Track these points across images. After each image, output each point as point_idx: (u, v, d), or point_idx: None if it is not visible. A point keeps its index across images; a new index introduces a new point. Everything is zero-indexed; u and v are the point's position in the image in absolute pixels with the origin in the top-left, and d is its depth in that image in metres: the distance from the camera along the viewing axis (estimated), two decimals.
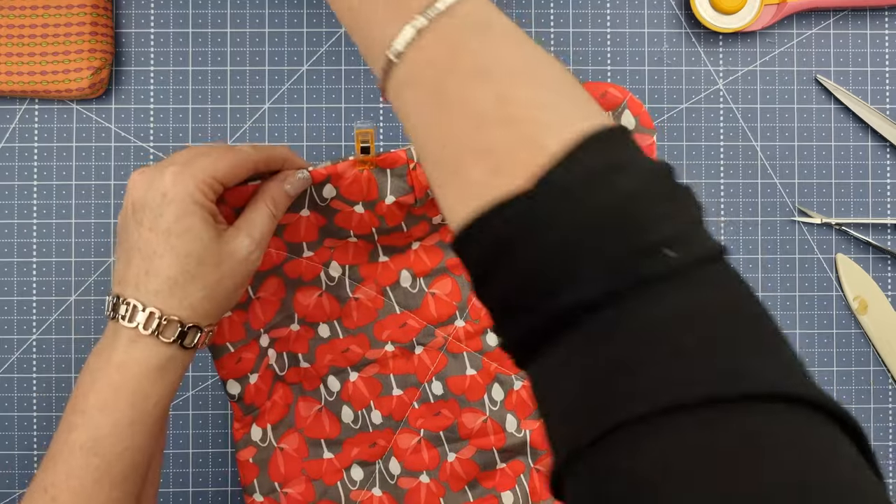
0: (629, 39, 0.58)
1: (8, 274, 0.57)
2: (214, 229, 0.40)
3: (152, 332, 0.39)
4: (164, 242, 0.39)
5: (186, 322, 0.39)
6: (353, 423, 0.53)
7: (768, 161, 0.58)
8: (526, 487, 0.53)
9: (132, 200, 0.40)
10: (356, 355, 0.52)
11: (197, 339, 0.40)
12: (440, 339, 0.52)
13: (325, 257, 0.50)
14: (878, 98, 0.59)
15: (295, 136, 0.58)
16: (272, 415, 0.51)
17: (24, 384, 0.57)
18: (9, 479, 0.57)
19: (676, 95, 0.58)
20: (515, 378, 0.53)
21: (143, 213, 0.39)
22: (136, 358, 0.39)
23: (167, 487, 0.57)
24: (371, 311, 0.52)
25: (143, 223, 0.39)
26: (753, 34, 0.59)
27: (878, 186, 0.59)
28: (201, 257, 0.39)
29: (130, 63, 0.58)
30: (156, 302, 0.39)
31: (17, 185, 0.57)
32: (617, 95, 0.45)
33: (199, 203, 0.39)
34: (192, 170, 0.40)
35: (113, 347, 0.39)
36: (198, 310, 0.40)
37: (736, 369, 0.24)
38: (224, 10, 0.58)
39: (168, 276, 0.39)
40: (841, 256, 0.58)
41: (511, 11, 0.58)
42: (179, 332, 0.39)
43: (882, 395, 0.59)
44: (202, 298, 0.40)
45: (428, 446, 0.53)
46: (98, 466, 0.38)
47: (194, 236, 0.39)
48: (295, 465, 0.51)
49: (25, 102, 0.57)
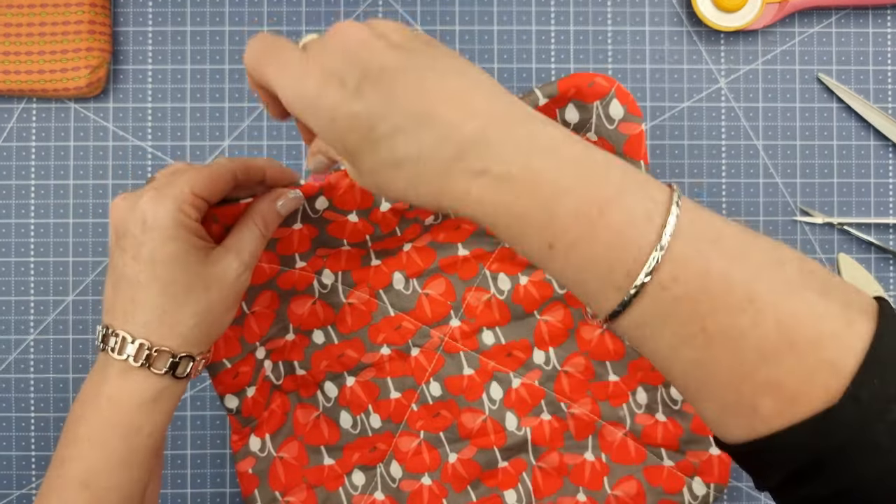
0: (630, 38, 0.58)
1: (5, 274, 0.57)
2: (201, 252, 0.39)
3: (142, 364, 0.37)
4: (148, 271, 0.37)
5: (178, 352, 0.38)
6: (352, 428, 0.52)
7: (770, 160, 0.58)
8: (529, 485, 0.53)
9: (114, 228, 0.39)
10: (352, 360, 0.52)
11: (190, 368, 0.39)
12: (436, 340, 0.52)
13: (318, 266, 0.49)
14: (880, 97, 0.58)
15: (293, 134, 0.57)
16: (270, 424, 0.51)
17: (21, 385, 0.57)
18: (6, 479, 0.57)
19: (678, 94, 0.58)
20: (513, 376, 0.53)
21: (126, 240, 0.38)
22: (127, 391, 0.38)
23: (166, 489, 0.57)
24: (365, 314, 0.52)
25: (127, 251, 0.38)
26: (755, 33, 0.58)
27: (881, 186, 0.58)
28: (189, 284, 0.38)
29: (128, 61, 0.57)
30: (145, 333, 0.37)
31: (15, 184, 0.57)
32: (604, 85, 0.45)
33: (181, 225, 0.38)
34: (171, 191, 0.38)
35: (103, 380, 0.38)
36: (189, 338, 0.38)
37: None
38: (222, 8, 0.57)
39: (156, 306, 0.37)
40: (843, 256, 0.58)
41: (512, 9, 0.58)
42: (171, 363, 0.38)
43: None
44: (193, 326, 0.38)
45: (428, 448, 0.53)
46: (89, 500, 0.37)
47: (179, 263, 0.37)
48: (295, 473, 0.51)
49: (23, 101, 0.57)
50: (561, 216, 0.28)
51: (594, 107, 0.45)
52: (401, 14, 0.58)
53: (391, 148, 0.29)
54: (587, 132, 0.46)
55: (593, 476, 0.52)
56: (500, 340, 0.52)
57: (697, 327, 0.27)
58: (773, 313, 0.27)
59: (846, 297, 0.28)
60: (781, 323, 0.27)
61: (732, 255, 0.28)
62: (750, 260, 0.28)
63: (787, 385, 0.27)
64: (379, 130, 0.29)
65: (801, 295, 0.27)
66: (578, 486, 0.53)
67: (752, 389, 0.27)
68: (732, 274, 0.27)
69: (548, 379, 0.52)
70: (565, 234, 0.28)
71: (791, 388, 0.27)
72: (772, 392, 0.27)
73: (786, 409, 0.27)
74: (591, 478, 0.52)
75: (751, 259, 0.28)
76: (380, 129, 0.29)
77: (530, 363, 0.52)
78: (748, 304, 0.27)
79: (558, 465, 0.53)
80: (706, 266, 0.27)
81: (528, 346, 0.52)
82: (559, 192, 0.28)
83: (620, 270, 0.28)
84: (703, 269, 0.27)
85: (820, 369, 0.26)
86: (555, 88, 0.45)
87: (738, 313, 0.27)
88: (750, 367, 0.27)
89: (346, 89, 0.30)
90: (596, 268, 0.28)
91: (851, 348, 0.26)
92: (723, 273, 0.27)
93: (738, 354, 0.27)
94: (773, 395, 0.27)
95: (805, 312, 0.27)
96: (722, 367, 0.27)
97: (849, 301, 0.28)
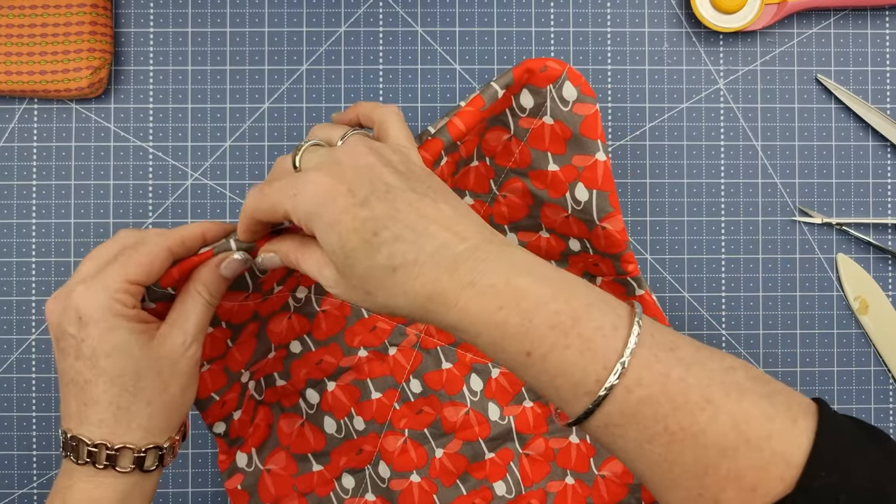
0: (629, 39, 0.58)
1: (7, 274, 0.57)
2: (143, 336, 0.37)
3: (105, 466, 0.36)
4: (92, 368, 0.36)
5: (140, 446, 0.37)
6: (336, 433, 0.52)
7: (769, 161, 0.58)
8: (517, 474, 0.53)
9: (52, 332, 0.37)
10: (330, 365, 0.52)
11: (158, 458, 0.37)
12: (412, 338, 0.52)
13: (293, 285, 0.49)
14: (878, 97, 0.58)
15: (294, 135, 0.58)
16: (255, 438, 0.51)
17: (23, 384, 0.57)
18: (8, 479, 0.57)
19: (677, 95, 0.58)
20: (492, 366, 0.53)
21: (65, 342, 0.36)
22: (94, 497, 0.36)
23: (167, 488, 0.57)
24: (339, 319, 0.52)
25: (69, 353, 0.36)
26: (754, 34, 0.58)
27: (879, 186, 0.58)
28: (137, 372, 0.36)
29: (130, 62, 0.58)
30: (101, 434, 0.36)
31: (16, 184, 0.57)
32: (556, 68, 0.45)
33: (118, 315, 0.36)
34: (102, 281, 0.36)
35: (69, 486, 0.36)
36: (150, 429, 0.37)
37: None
38: (223, 9, 0.58)
39: (108, 402, 0.36)
40: (841, 256, 0.58)
41: (511, 11, 0.58)
42: (135, 459, 0.37)
43: (882, 395, 0.58)
44: (150, 416, 0.37)
45: (414, 445, 0.53)
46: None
47: (123, 353, 0.36)
48: (285, 483, 0.51)
49: (24, 102, 0.57)
50: (538, 325, 0.31)
51: (547, 90, 0.46)
52: (401, 15, 0.58)
53: (390, 253, 0.33)
54: (543, 116, 0.46)
55: (579, 458, 0.53)
56: None
57: (661, 426, 0.30)
58: (728, 413, 0.30)
59: (789, 399, 0.31)
60: (736, 421, 0.30)
61: (688, 362, 0.31)
62: (704, 366, 0.31)
63: (746, 477, 0.30)
64: (381, 236, 0.33)
65: (751, 398, 0.30)
66: (566, 469, 0.53)
67: (715, 482, 0.30)
68: (689, 378, 0.31)
69: None
70: (542, 342, 0.31)
71: (750, 479, 0.29)
72: (733, 484, 0.30)
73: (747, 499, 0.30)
74: (578, 460, 0.53)
75: (705, 366, 0.31)
76: (382, 234, 0.33)
77: None
78: (706, 405, 0.30)
79: (544, 450, 0.53)
80: (666, 371, 0.31)
81: None
82: (537, 305, 0.31)
83: (592, 376, 0.31)
84: (664, 374, 0.31)
85: (774, 462, 0.29)
86: (510, 77, 0.45)
87: (698, 412, 0.30)
88: (712, 461, 0.30)
89: (356, 198, 0.33)
90: (569, 373, 0.31)
91: (799, 444, 0.30)
92: (681, 377, 0.31)
93: (699, 450, 0.30)
94: (734, 487, 0.30)
95: (755, 412, 0.30)
96: (686, 462, 0.30)
97: (791, 402, 0.31)
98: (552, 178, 0.48)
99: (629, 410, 0.31)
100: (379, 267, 0.33)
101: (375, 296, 0.34)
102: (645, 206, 0.58)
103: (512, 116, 0.47)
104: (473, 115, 0.44)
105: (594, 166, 0.46)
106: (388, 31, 0.58)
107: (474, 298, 0.32)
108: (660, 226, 0.58)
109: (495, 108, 0.46)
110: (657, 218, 0.58)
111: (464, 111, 0.44)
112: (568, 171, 0.47)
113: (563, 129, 0.46)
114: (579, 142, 0.46)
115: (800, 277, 0.58)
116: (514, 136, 0.48)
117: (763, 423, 0.30)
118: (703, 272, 0.58)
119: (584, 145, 0.46)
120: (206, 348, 0.44)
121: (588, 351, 0.31)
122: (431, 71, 0.58)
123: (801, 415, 0.31)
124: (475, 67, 0.58)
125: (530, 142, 0.47)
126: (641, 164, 0.58)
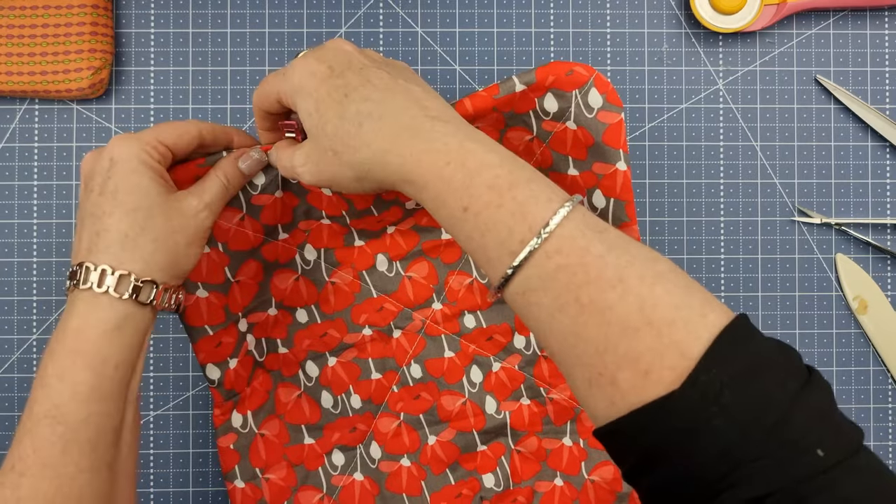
0: (629, 40, 0.58)
1: (8, 274, 0.57)
2: (163, 188, 0.41)
3: (105, 289, 0.38)
4: (112, 200, 0.39)
5: (140, 276, 0.39)
6: (332, 409, 0.53)
7: (768, 161, 0.59)
8: (507, 469, 0.53)
9: (83, 175, 0.41)
10: (334, 340, 0.52)
11: (153, 294, 0.40)
12: (418, 323, 0.53)
13: (300, 239, 0.50)
14: (877, 98, 0.59)
15: None
16: (252, 401, 0.51)
17: (24, 384, 0.57)
18: None
19: (676, 95, 0.58)
20: (493, 360, 0.53)
21: (93, 181, 0.40)
22: (91, 322, 0.39)
23: (167, 487, 0.57)
24: (348, 295, 0.52)
25: (94, 190, 0.40)
26: (753, 34, 0.59)
27: (878, 186, 0.59)
28: (150, 210, 0.40)
29: (130, 63, 0.58)
30: (107, 259, 0.39)
31: (18, 185, 0.57)
32: (583, 73, 0.45)
33: (145, 163, 0.40)
34: (136, 136, 0.41)
35: (69, 315, 0.39)
36: (150, 263, 0.40)
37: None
38: (224, 10, 0.58)
39: (118, 230, 0.39)
40: (841, 256, 0.58)
41: (511, 12, 0.58)
42: (133, 287, 0.39)
43: (882, 395, 0.59)
44: (153, 251, 0.40)
45: (408, 430, 0.53)
46: (63, 434, 0.37)
47: (142, 191, 0.40)
48: (276, 451, 0.52)
49: (25, 102, 0.57)
50: (478, 184, 0.34)
51: (573, 95, 0.45)
52: (401, 16, 0.58)
53: (358, 111, 0.37)
54: (566, 120, 0.46)
55: (571, 461, 0.53)
56: (482, 324, 0.53)
57: (572, 296, 0.32)
58: (638, 294, 0.31)
59: (707, 298, 0.31)
60: (644, 303, 0.30)
61: (612, 244, 0.32)
62: (627, 251, 0.32)
63: (642, 360, 0.30)
64: (351, 97, 0.37)
65: (665, 286, 0.31)
66: (556, 470, 0.53)
67: (615, 361, 0.31)
68: (608, 257, 0.32)
69: (527, 363, 0.53)
70: (479, 199, 0.34)
71: (645, 362, 0.30)
72: (629, 365, 0.30)
73: (639, 384, 0.30)
74: (569, 463, 0.53)
75: (628, 251, 0.32)
76: (352, 95, 0.37)
77: (510, 347, 0.53)
78: (618, 283, 0.31)
79: (536, 449, 0.53)
80: (587, 245, 0.32)
81: (508, 330, 0.53)
82: (481, 167, 0.34)
83: (517, 235, 0.33)
84: (584, 248, 0.32)
85: (670, 350, 0.30)
86: (532, 76, 0.45)
87: (608, 289, 0.31)
88: (613, 339, 0.31)
89: (333, 73, 0.38)
90: (497, 230, 0.33)
91: (699, 337, 0.30)
92: (600, 254, 0.32)
93: (603, 326, 0.31)
94: (630, 369, 0.30)
95: (665, 299, 0.31)
96: (590, 337, 0.31)
97: (709, 301, 0.31)
98: (571, 183, 0.48)
99: (546, 275, 0.32)
100: (348, 121, 0.37)
101: (341, 154, 0.37)
102: (644, 206, 0.58)
103: (535, 118, 0.47)
104: (484, 100, 0.44)
105: (614, 175, 0.46)
106: (389, 31, 0.58)
107: (427, 152, 0.35)
108: (659, 226, 0.58)
109: (513, 104, 0.46)
110: (656, 218, 0.58)
111: (476, 94, 0.44)
112: (587, 176, 0.47)
113: (585, 135, 0.46)
114: (601, 150, 0.46)
115: (799, 277, 0.59)
116: (536, 138, 0.48)
117: (669, 310, 0.30)
118: (703, 272, 0.58)
119: (605, 153, 0.46)
120: (202, 269, 0.47)
121: (518, 213, 0.33)
122: (431, 72, 0.58)
123: (713, 313, 0.30)
124: (475, 68, 0.58)
125: (552, 144, 0.47)
126: (641, 165, 0.58)
